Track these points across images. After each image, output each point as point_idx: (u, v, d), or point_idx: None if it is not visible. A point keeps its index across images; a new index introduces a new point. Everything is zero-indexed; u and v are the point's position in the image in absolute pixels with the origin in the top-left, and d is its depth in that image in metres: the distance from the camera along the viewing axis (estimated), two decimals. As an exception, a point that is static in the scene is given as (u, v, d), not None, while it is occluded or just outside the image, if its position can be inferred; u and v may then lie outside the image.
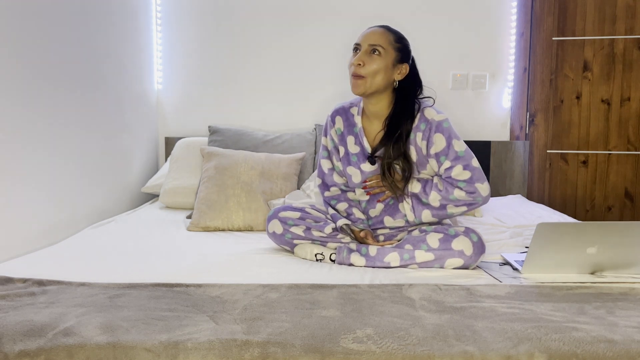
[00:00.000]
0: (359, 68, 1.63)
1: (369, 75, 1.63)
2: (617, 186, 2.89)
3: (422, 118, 1.68)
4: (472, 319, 1.15)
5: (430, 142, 1.66)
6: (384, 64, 1.64)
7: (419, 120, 1.68)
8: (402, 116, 1.68)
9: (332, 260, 1.67)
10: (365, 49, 1.64)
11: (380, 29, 1.68)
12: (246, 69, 2.94)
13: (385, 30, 1.68)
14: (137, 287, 1.34)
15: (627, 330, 1.09)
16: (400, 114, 1.68)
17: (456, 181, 1.65)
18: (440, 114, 1.68)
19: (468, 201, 1.66)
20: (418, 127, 1.68)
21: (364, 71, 1.63)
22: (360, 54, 1.64)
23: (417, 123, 1.68)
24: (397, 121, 1.68)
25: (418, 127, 1.68)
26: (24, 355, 0.99)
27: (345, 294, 1.30)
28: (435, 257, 1.59)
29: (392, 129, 1.68)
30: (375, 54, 1.63)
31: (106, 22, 2.37)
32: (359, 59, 1.64)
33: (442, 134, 1.65)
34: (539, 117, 2.93)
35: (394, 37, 1.67)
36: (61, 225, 2.04)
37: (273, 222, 1.76)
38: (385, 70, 1.64)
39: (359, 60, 1.63)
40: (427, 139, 1.66)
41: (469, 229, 1.63)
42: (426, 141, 1.67)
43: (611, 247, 1.46)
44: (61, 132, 2.04)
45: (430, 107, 1.69)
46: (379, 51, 1.63)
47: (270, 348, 1.01)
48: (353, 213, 1.80)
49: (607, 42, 2.83)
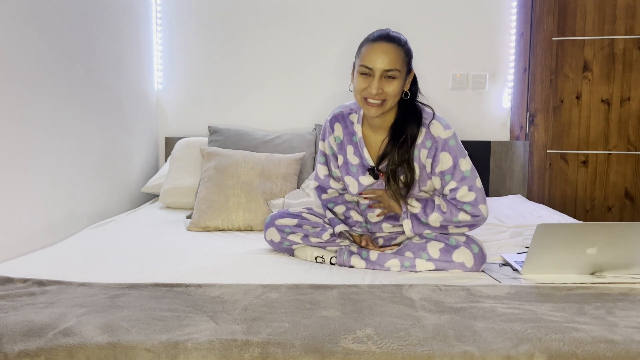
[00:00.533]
0: (377, 97, 1.53)
1: (387, 99, 1.55)
2: (617, 186, 2.89)
3: (427, 134, 1.59)
4: (472, 319, 1.15)
5: (436, 161, 1.59)
6: (400, 85, 1.55)
7: (425, 137, 1.60)
8: (407, 121, 1.61)
9: (332, 264, 1.67)
10: (381, 74, 1.51)
11: (390, 46, 1.52)
12: (246, 69, 2.94)
13: (396, 46, 1.53)
14: (137, 287, 1.34)
15: (627, 330, 1.09)
16: (406, 119, 1.61)
17: (461, 203, 1.60)
18: (447, 129, 1.59)
19: (470, 223, 1.62)
20: (424, 144, 1.60)
21: (382, 97, 1.53)
22: (376, 81, 1.51)
23: (423, 139, 1.60)
24: (402, 126, 1.61)
25: (424, 143, 1.60)
26: (24, 355, 0.99)
27: (346, 294, 1.30)
28: (435, 268, 1.59)
29: (398, 133, 1.61)
30: (391, 78, 1.53)
31: (106, 22, 2.37)
32: (377, 87, 1.51)
33: (449, 153, 1.58)
34: (539, 117, 2.93)
35: (404, 51, 1.55)
36: (61, 225, 2.04)
37: (270, 230, 1.75)
38: (400, 90, 1.56)
39: (377, 88, 1.51)
40: (433, 157, 1.59)
41: (469, 239, 1.61)
42: (431, 159, 1.60)
43: (611, 247, 1.46)
44: (61, 132, 2.04)
45: (436, 121, 1.60)
46: (394, 75, 1.52)
47: (270, 348, 1.01)
48: (351, 216, 1.78)
49: (607, 42, 2.83)
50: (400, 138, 1.60)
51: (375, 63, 1.51)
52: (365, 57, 1.53)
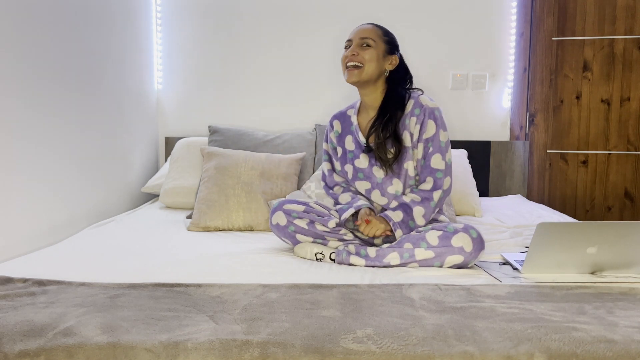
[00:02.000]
0: (353, 58, 1.76)
1: (362, 63, 1.75)
2: (617, 186, 2.89)
3: (416, 103, 1.78)
4: (472, 319, 1.15)
5: (423, 127, 1.76)
6: (376, 54, 1.76)
7: (414, 106, 1.78)
8: (393, 102, 1.79)
9: (332, 260, 1.68)
10: (357, 42, 1.77)
11: (368, 25, 1.82)
12: (246, 69, 2.95)
13: (374, 26, 1.82)
14: (137, 287, 1.34)
15: (627, 330, 1.09)
16: (392, 101, 1.79)
17: (434, 170, 1.74)
18: (433, 102, 1.79)
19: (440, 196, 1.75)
20: (412, 112, 1.77)
21: (357, 60, 1.75)
22: (353, 46, 1.77)
23: (412, 108, 1.78)
24: (388, 106, 1.79)
25: (412, 112, 1.77)
26: (24, 355, 0.99)
27: (345, 294, 1.30)
28: (435, 255, 1.60)
29: (384, 112, 1.79)
30: (366, 45, 1.76)
31: (106, 22, 2.37)
32: (352, 50, 1.77)
33: (434, 121, 1.76)
34: (539, 117, 2.93)
35: (382, 31, 1.81)
36: (61, 225, 2.04)
37: (277, 213, 1.78)
38: (377, 60, 1.76)
39: (352, 51, 1.76)
40: (421, 123, 1.76)
41: (467, 226, 1.63)
42: (419, 125, 1.76)
43: (611, 247, 1.46)
44: (61, 132, 2.04)
45: (424, 96, 1.80)
46: (369, 43, 1.76)
47: (270, 348, 1.01)
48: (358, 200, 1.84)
49: (606, 42, 2.83)
50: (385, 116, 1.78)
51: (353, 35, 1.80)
52: (349, 35, 1.82)
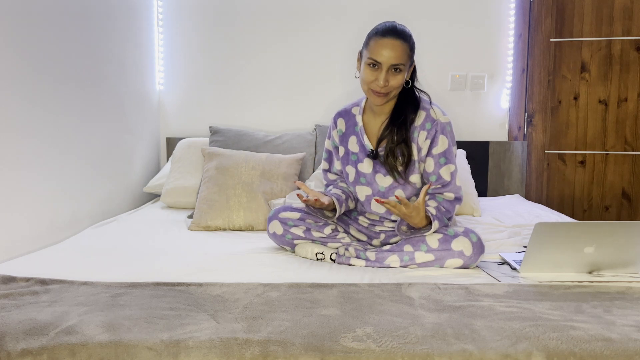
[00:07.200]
0: (384, 90, 1.62)
1: (392, 90, 1.64)
2: (614, 186, 2.91)
3: (428, 117, 1.69)
4: (471, 317, 1.16)
5: (434, 142, 1.69)
6: (404, 77, 1.65)
7: (425, 119, 1.69)
8: (406, 104, 1.71)
9: (333, 260, 1.69)
10: (388, 68, 1.61)
11: (397, 41, 1.60)
12: (247, 69, 2.95)
13: (402, 42, 1.61)
14: (138, 286, 1.34)
15: (625, 328, 1.10)
16: (405, 103, 1.71)
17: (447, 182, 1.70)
18: (445, 115, 1.71)
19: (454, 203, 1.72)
20: (423, 126, 1.69)
21: (388, 90, 1.63)
22: (383, 74, 1.60)
23: (423, 122, 1.69)
24: (401, 109, 1.71)
25: (423, 125, 1.69)
26: (27, 354, 1.00)
27: (345, 293, 1.31)
28: (435, 258, 1.61)
29: (397, 115, 1.71)
30: (397, 71, 1.62)
31: (108, 22, 2.38)
32: (384, 78, 1.60)
33: (446, 137, 1.69)
34: (537, 117, 2.94)
35: (409, 45, 1.63)
36: (63, 225, 2.05)
37: (273, 222, 1.78)
38: (404, 81, 1.66)
39: (383, 80, 1.60)
40: (432, 138, 1.69)
41: (468, 229, 1.64)
42: (430, 140, 1.69)
43: (608, 246, 1.47)
44: (64, 133, 2.04)
45: (435, 107, 1.71)
46: (400, 69, 1.62)
47: (271, 347, 1.02)
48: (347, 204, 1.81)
49: (604, 44, 2.84)
50: (399, 119, 1.69)
51: (383, 58, 1.60)
52: (374, 51, 1.61)
